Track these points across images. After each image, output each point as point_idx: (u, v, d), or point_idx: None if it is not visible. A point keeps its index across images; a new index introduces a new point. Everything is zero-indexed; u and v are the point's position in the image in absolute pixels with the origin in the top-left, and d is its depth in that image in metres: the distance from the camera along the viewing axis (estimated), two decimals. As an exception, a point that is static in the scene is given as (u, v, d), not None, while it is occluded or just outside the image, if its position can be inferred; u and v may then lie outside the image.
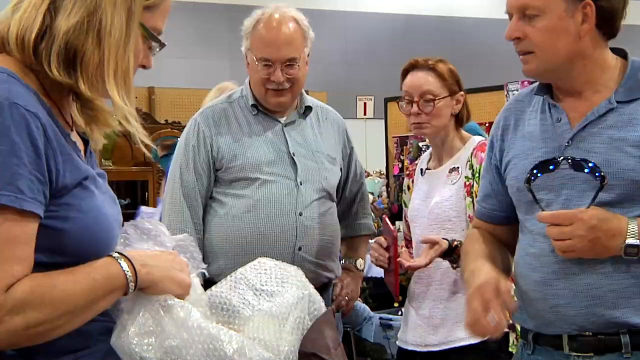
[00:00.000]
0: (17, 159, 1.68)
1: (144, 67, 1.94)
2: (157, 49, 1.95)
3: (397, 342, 3.57)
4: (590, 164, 2.24)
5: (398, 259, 3.31)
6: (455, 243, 3.25)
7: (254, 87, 3.56)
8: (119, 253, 1.84)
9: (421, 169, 3.61)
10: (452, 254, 3.26)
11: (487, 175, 2.60)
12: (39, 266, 1.72)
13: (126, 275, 1.80)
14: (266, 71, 3.47)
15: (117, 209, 1.96)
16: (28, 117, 1.70)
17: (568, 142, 2.36)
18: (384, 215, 4.99)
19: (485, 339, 3.26)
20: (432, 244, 3.25)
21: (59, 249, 1.77)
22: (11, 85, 1.73)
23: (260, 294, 2.05)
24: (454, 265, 3.30)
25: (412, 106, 3.43)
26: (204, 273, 2.17)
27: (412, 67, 3.48)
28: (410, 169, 3.73)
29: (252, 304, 2.04)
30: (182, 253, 2.03)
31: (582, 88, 2.38)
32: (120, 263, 1.81)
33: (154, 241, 1.96)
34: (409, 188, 3.63)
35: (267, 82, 3.48)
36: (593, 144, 2.32)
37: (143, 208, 6.48)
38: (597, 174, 2.23)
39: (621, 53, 2.41)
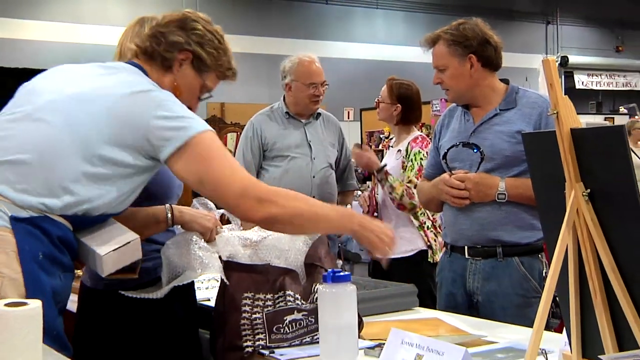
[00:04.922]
0: None
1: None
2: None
3: None
4: (477, 147, 2.28)
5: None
6: (386, 168, 3.28)
7: (299, 100, 3.50)
8: (170, 205, 1.88)
9: (389, 145, 3.63)
10: (381, 171, 3.27)
11: (432, 152, 2.57)
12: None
13: (167, 214, 1.84)
14: (313, 89, 3.47)
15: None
16: None
17: (471, 134, 2.37)
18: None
19: (413, 253, 3.27)
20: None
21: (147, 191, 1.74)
22: None
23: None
24: (382, 183, 3.29)
25: None
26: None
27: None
28: (387, 143, 3.75)
29: (264, 235, 1.89)
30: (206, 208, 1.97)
31: (481, 102, 2.39)
32: (166, 208, 1.85)
33: (205, 207, 1.92)
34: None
35: (313, 97, 3.47)
36: (485, 134, 2.34)
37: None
38: (479, 152, 2.28)
39: (506, 82, 2.43)
